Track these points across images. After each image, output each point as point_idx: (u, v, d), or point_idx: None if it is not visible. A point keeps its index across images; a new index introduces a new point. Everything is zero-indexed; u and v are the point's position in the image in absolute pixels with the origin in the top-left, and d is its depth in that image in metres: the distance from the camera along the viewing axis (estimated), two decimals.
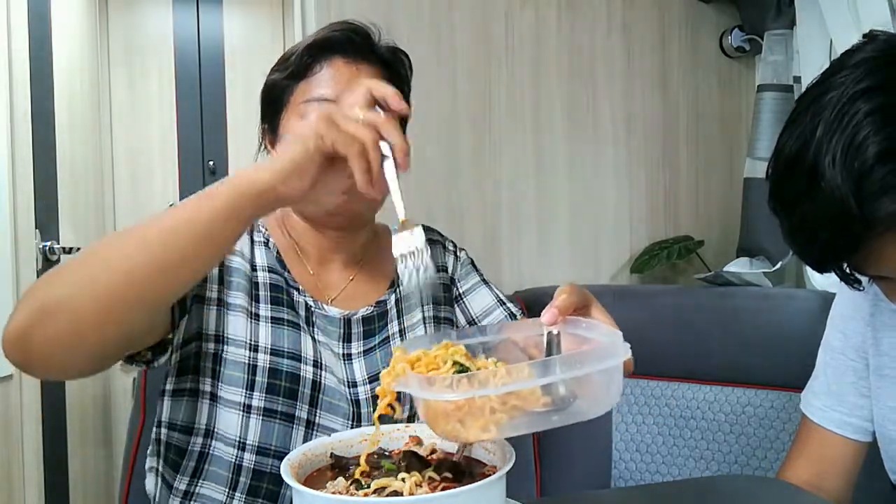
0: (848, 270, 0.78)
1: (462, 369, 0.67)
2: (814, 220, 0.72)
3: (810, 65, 1.71)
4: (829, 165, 0.69)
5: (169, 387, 0.98)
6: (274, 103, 1.04)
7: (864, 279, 0.80)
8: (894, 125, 0.67)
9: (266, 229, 1.05)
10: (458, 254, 1.17)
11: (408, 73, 1.09)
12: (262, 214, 0.77)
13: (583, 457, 1.55)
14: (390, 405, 0.71)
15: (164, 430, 0.99)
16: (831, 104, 0.71)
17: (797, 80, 1.80)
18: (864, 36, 0.76)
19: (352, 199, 0.84)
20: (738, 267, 1.76)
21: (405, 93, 1.07)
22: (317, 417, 0.95)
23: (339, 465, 0.75)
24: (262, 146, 1.08)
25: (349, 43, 1.01)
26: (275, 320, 0.97)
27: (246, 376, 0.93)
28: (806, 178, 0.72)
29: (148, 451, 1.03)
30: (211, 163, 3.48)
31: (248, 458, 0.93)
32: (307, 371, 0.95)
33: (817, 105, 0.73)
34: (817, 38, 1.68)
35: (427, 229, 1.17)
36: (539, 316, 0.73)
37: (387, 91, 0.78)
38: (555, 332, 0.72)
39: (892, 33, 0.75)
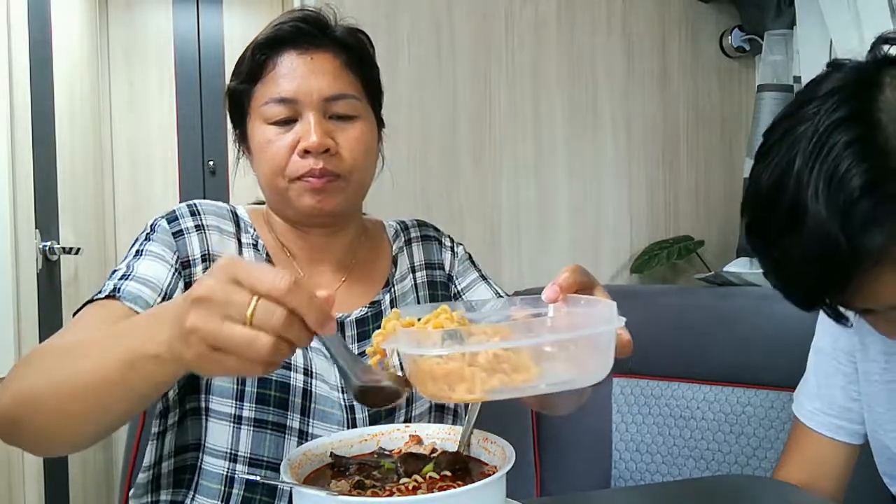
0: (835, 306, 0.76)
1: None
2: (800, 257, 0.69)
3: (810, 65, 1.71)
4: (813, 199, 0.66)
5: (171, 421, 0.96)
6: (238, 110, 1.01)
7: (850, 314, 0.78)
8: (874, 157, 0.65)
9: (255, 229, 1.02)
10: (455, 249, 1.15)
11: (371, 54, 1.03)
12: (175, 375, 0.65)
13: (583, 457, 1.55)
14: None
15: (165, 464, 0.96)
16: (806, 136, 0.68)
17: (797, 80, 1.80)
18: (829, 65, 0.74)
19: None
20: (738, 267, 1.76)
21: (374, 75, 1.03)
22: (309, 427, 0.93)
23: (339, 465, 0.75)
24: (240, 151, 1.05)
25: (299, 33, 0.96)
26: None
27: (235, 387, 0.91)
28: (788, 213, 0.69)
29: (131, 494, 0.98)
30: (211, 163, 3.48)
31: (241, 470, 0.91)
32: (297, 380, 0.92)
33: (791, 137, 0.70)
34: (817, 38, 1.67)
35: (422, 224, 1.16)
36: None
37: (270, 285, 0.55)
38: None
39: (857, 61, 0.73)
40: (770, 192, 0.71)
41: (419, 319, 0.68)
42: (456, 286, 1.12)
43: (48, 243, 2.14)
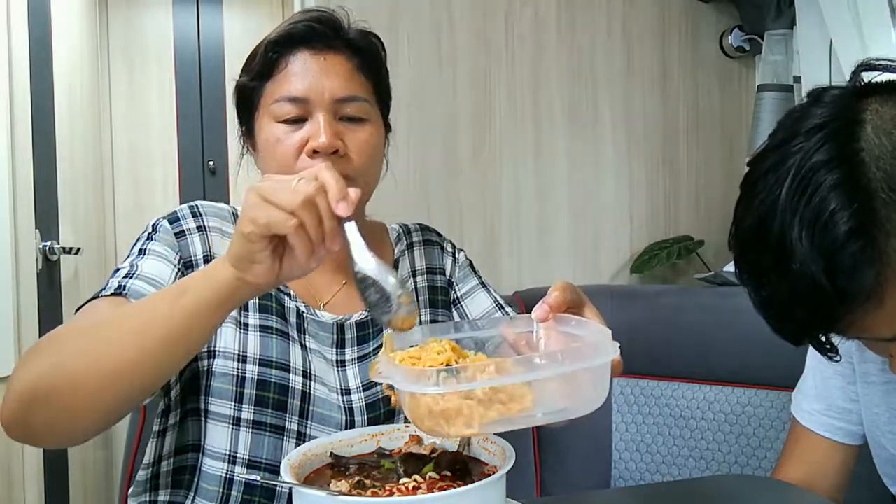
0: (824, 339, 0.77)
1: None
2: (788, 297, 0.70)
3: (810, 65, 1.71)
4: (798, 242, 0.66)
5: (172, 421, 0.96)
6: (246, 106, 1.01)
7: (841, 344, 0.79)
8: (859, 200, 0.65)
9: None
10: (456, 255, 1.15)
11: (382, 58, 1.04)
12: (241, 303, 0.75)
13: (583, 457, 1.55)
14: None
15: (164, 463, 0.96)
16: (790, 174, 0.68)
17: (797, 80, 1.80)
18: (808, 95, 0.74)
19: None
20: None
21: (382, 78, 1.03)
22: (307, 429, 0.93)
23: (339, 465, 0.75)
24: (245, 149, 1.05)
25: (313, 33, 0.96)
26: (263, 329, 0.94)
27: (234, 388, 0.91)
28: (773, 253, 0.69)
29: (130, 492, 0.98)
30: (211, 163, 3.48)
31: (239, 472, 0.91)
32: (296, 382, 0.93)
33: (775, 174, 0.69)
34: (817, 38, 1.67)
35: (425, 229, 1.16)
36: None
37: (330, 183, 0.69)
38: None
39: (839, 89, 0.72)
40: (756, 231, 0.71)
41: (412, 346, 0.69)
42: (455, 292, 1.12)
43: (48, 243, 2.14)
